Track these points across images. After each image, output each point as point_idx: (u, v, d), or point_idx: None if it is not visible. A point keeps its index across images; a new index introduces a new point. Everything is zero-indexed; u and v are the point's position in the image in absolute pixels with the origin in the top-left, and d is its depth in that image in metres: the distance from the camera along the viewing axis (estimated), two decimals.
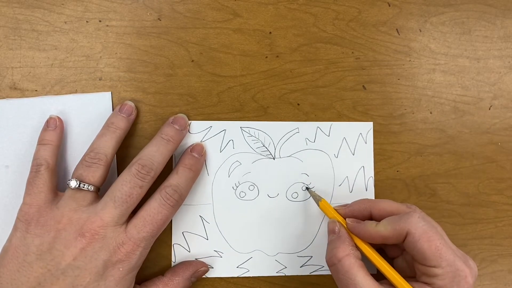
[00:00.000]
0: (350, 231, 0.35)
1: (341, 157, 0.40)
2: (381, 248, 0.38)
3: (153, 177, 0.34)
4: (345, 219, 0.35)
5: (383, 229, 0.33)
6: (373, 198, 0.40)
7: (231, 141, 0.39)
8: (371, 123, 0.40)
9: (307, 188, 0.39)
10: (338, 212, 0.36)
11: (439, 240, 0.31)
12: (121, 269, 0.32)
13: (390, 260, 0.37)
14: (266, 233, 0.39)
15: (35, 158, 0.34)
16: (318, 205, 0.38)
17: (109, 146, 0.34)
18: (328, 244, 0.35)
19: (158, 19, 0.38)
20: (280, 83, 0.39)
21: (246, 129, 0.39)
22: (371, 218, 0.35)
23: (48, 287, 0.30)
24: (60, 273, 0.31)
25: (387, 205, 0.35)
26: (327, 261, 0.34)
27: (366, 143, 0.40)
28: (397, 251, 0.37)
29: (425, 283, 0.32)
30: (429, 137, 0.41)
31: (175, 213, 0.35)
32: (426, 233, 0.31)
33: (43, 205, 0.32)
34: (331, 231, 0.35)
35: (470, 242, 0.42)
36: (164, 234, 0.38)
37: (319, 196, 0.38)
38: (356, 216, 0.36)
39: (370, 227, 0.33)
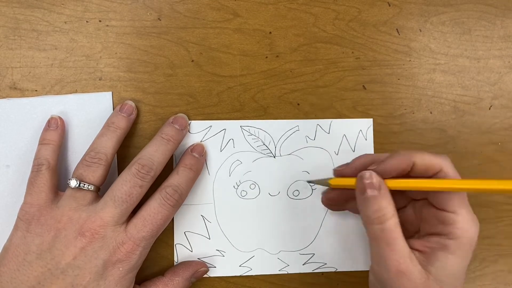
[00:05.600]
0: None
1: (341, 154, 0.40)
2: None
3: (153, 177, 0.33)
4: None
5: (419, 160, 0.30)
6: None
7: (231, 140, 0.39)
8: (371, 119, 0.40)
9: (309, 182, 0.39)
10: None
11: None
12: (121, 268, 0.32)
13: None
14: (268, 232, 0.39)
15: (36, 157, 0.34)
16: (329, 185, 0.35)
17: (109, 146, 0.34)
18: (367, 201, 0.30)
19: (158, 19, 0.38)
20: (280, 83, 0.39)
21: (246, 128, 0.39)
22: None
23: (48, 286, 0.30)
24: (60, 272, 0.31)
25: (427, 158, 0.30)
26: (371, 220, 0.30)
27: (366, 139, 0.40)
28: (403, 201, 0.34)
29: (439, 234, 0.30)
30: (429, 137, 0.41)
31: (176, 213, 0.35)
32: (457, 177, 0.30)
33: (44, 205, 0.32)
34: (368, 186, 0.30)
35: None
36: (165, 234, 0.38)
37: (324, 178, 0.36)
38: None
39: (404, 156, 0.30)
